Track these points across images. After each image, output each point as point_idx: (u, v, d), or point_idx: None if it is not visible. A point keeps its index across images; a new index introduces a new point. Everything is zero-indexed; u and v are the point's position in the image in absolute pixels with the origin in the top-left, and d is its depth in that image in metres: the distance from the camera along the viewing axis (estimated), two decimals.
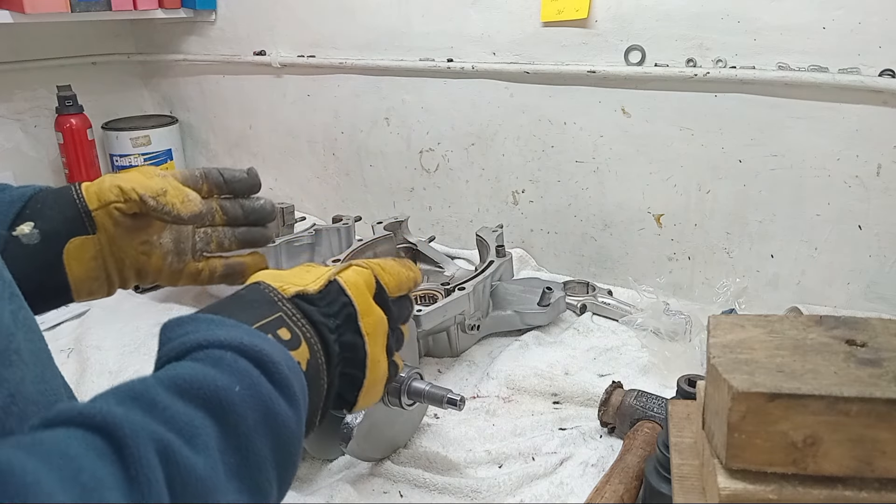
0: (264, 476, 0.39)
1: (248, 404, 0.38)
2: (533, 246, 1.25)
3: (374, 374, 0.51)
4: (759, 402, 0.41)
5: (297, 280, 0.49)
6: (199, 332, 0.41)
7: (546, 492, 0.70)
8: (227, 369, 0.39)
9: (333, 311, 0.49)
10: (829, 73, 0.91)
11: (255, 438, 0.38)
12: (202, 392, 0.37)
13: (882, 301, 0.96)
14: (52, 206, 0.57)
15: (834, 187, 0.95)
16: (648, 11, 1.01)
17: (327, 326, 0.47)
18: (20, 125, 1.50)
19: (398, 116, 1.32)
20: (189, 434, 0.35)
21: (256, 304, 0.46)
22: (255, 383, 0.39)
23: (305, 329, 0.46)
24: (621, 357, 0.94)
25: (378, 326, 0.51)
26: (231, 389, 0.38)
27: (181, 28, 1.54)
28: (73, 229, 0.57)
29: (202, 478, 0.35)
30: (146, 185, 0.59)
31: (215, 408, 0.37)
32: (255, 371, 0.40)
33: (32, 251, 0.55)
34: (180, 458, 0.34)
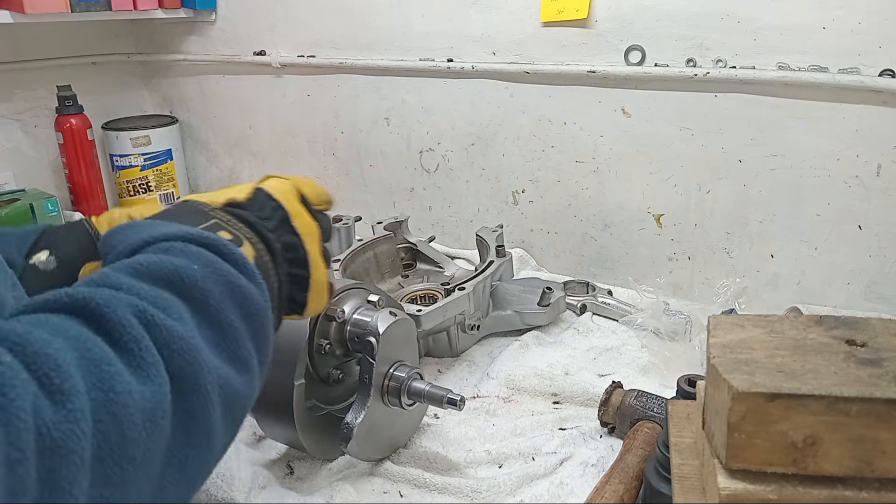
0: (243, 347, 0.39)
1: (210, 280, 0.39)
2: (533, 246, 1.25)
3: (318, 273, 0.51)
4: (759, 402, 0.41)
5: (224, 193, 0.50)
6: (144, 231, 0.41)
7: (546, 492, 0.70)
8: (181, 254, 0.39)
9: (266, 214, 0.50)
10: (829, 73, 0.91)
11: (226, 310, 0.39)
12: (162, 272, 0.37)
13: (882, 301, 0.96)
14: (66, 236, 0.59)
15: (834, 187, 0.95)
16: (648, 11, 1.01)
17: (265, 227, 0.48)
18: (20, 125, 1.50)
19: (398, 116, 1.31)
20: (162, 307, 0.35)
21: (190, 213, 0.46)
22: (212, 261, 0.40)
23: (244, 230, 0.46)
24: (621, 357, 0.94)
25: (310, 228, 0.52)
26: (190, 267, 0.38)
27: (181, 28, 1.54)
28: (88, 256, 0.59)
29: (185, 337, 0.34)
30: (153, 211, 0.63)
31: (179, 285, 0.37)
32: (208, 253, 0.40)
33: (49, 277, 0.56)
34: (160, 321, 0.34)
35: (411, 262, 1.18)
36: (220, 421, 0.37)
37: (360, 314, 0.72)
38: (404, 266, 1.16)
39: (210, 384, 0.35)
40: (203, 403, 0.35)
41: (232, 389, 0.38)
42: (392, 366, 0.71)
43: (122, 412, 0.30)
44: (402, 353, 0.72)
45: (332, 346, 0.71)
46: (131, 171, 1.51)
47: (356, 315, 0.72)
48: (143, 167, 1.52)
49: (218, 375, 0.36)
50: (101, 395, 0.29)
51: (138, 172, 1.52)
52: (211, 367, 0.36)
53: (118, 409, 0.30)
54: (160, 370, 0.33)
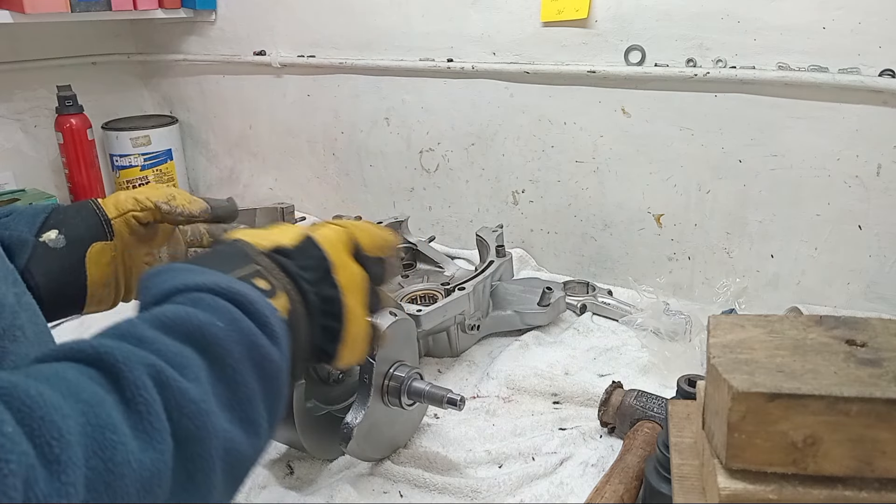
0: (255, 409, 0.40)
1: (231, 338, 0.39)
2: (533, 246, 1.25)
3: (354, 327, 0.51)
4: (759, 402, 0.41)
5: (273, 236, 0.51)
6: (177, 278, 0.42)
7: (546, 492, 0.70)
8: (208, 308, 0.40)
9: (309, 264, 0.50)
10: (829, 73, 0.91)
11: (243, 372, 0.39)
12: (186, 328, 0.38)
13: (882, 301, 0.96)
14: (75, 216, 0.62)
15: (834, 187, 0.95)
16: (648, 11, 1.01)
17: (304, 278, 0.48)
18: (20, 125, 1.50)
19: (398, 116, 1.31)
20: (179, 364, 0.36)
21: (233, 257, 0.47)
22: (236, 319, 0.40)
23: (283, 280, 0.47)
24: (621, 357, 0.94)
25: (355, 281, 0.52)
26: (214, 324, 0.39)
27: (181, 28, 1.54)
28: (96, 235, 0.62)
29: (196, 401, 0.35)
30: (157, 194, 0.66)
31: (200, 342, 0.38)
32: (234, 309, 0.41)
33: (58, 254, 0.59)
34: (173, 383, 0.34)
35: (411, 262, 1.18)
36: (221, 485, 0.37)
37: None
38: (404, 266, 1.16)
39: (215, 449, 0.36)
40: (205, 468, 0.35)
41: (238, 453, 0.38)
42: (392, 366, 0.71)
43: (117, 483, 0.30)
44: (402, 353, 0.72)
45: None
46: (131, 171, 1.52)
47: None
48: (143, 167, 1.52)
49: (225, 439, 0.37)
50: (99, 464, 0.30)
51: (138, 172, 1.52)
52: (219, 431, 0.36)
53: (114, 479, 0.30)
54: (165, 437, 0.33)
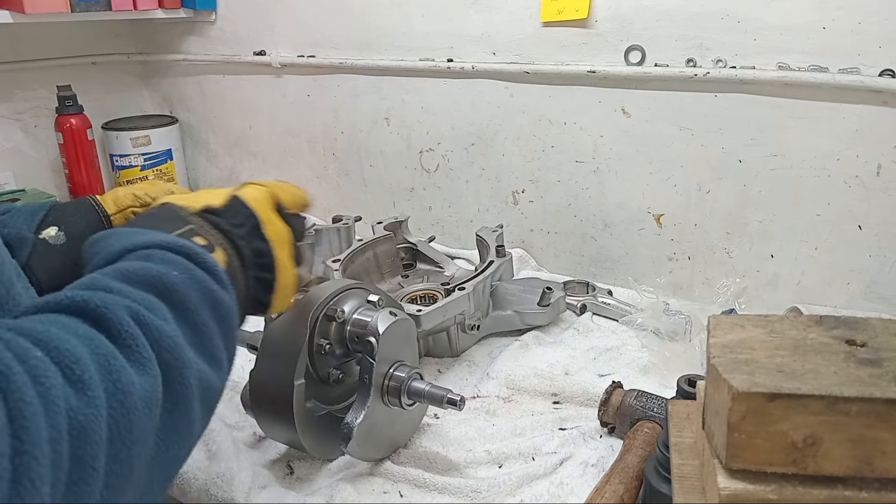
0: (216, 346, 0.44)
1: (187, 285, 0.43)
2: (533, 246, 1.25)
3: (284, 277, 0.56)
4: (759, 402, 0.41)
5: (201, 198, 0.54)
6: (124, 239, 0.46)
7: (546, 492, 0.70)
8: (161, 261, 0.44)
9: (239, 221, 0.54)
10: (829, 73, 0.91)
11: (202, 313, 0.43)
12: (146, 277, 0.42)
13: (882, 301, 0.96)
14: (74, 213, 0.63)
15: (834, 187, 0.95)
16: (648, 11, 1.01)
17: (237, 234, 0.52)
18: (20, 125, 1.50)
19: (398, 116, 1.31)
20: (149, 307, 0.40)
21: (168, 219, 0.51)
22: (189, 268, 0.44)
23: (217, 236, 0.51)
24: (621, 357, 0.94)
25: (281, 235, 0.56)
26: (170, 274, 0.43)
27: (181, 28, 1.54)
28: (94, 232, 0.62)
29: (171, 336, 0.39)
30: (155, 190, 0.67)
31: (161, 289, 0.42)
32: (185, 261, 0.45)
33: (58, 251, 0.60)
34: (150, 321, 0.39)
35: (411, 262, 1.18)
36: (199, 410, 0.41)
37: (360, 314, 0.72)
38: (404, 266, 1.16)
39: (192, 378, 0.40)
40: (187, 395, 0.40)
41: (208, 383, 0.43)
42: (392, 366, 0.71)
43: (128, 400, 0.34)
44: (402, 353, 0.72)
45: (332, 346, 0.71)
46: (131, 171, 1.52)
47: (356, 315, 0.72)
48: (143, 167, 1.52)
49: (198, 370, 0.41)
50: (111, 386, 0.34)
51: (138, 172, 1.52)
52: (192, 362, 0.41)
53: (125, 397, 0.34)
54: (154, 364, 0.37)
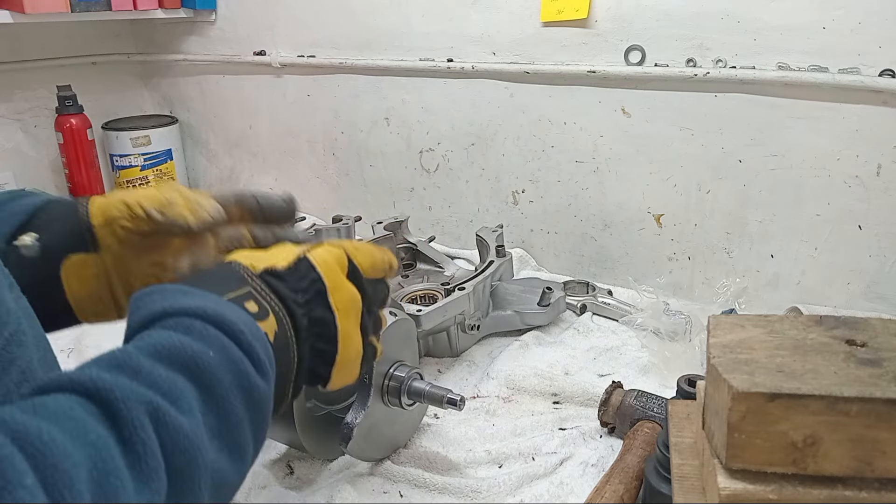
0: (242, 436, 0.41)
1: (222, 367, 0.40)
2: (533, 246, 1.25)
3: (347, 350, 0.51)
4: (759, 402, 0.41)
5: (268, 257, 0.50)
6: (167, 300, 0.42)
7: (546, 492, 0.70)
8: (198, 336, 0.40)
9: (302, 286, 0.49)
10: (829, 73, 0.91)
11: (232, 399, 0.40)
12: (179, 357, 0.39)
13: (882, 301, 0.96)
14: (58, 218, 0.54)
15: (834, 187, 0.95)
16: (648, 11, 1.01)
17: (295, 301, 0.48)
18: (20, 125, 1.50)
19: (398, 116, 1.31)
20: (174, 396, 0.37)
21: (225, 279, 0.47)
22: (226, 347, 0.41)
23: (273, 303, 0.47)
24: (621, 357, 0.94)
25: (350, 303, 0.51)
26: (206, 354, 0.40)
27: (181, 28, 1.54)
28: (74, 245, 0.54)
29: (189, 436, 0.37)
30: (153, 198, 0.55)
31: (193, 371, 0.39)
32: (224, 337, 0.41)
33: (31, 264, 0.52)
34: (169, 420, 0.36)
35: (411, 262, 1.18)
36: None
37: None
38: (404, 266, 1.16)
39: (204, 480, 0.38)
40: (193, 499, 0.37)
41: (224, 480, 0.40)
42: (392, 366, 0.71)
43: None
44: (402, 353, 0.72)
45: None
46: (131, 171, 1.52)
47: None
48: (143, 167, 1.52)
49: (213, 469, 0.38)
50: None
51: (138, 172, 1.52)
52: (208, 462, 0.38)
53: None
54: (160, 475, 0.35)
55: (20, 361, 0.40)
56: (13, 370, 0.39)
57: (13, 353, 0.40)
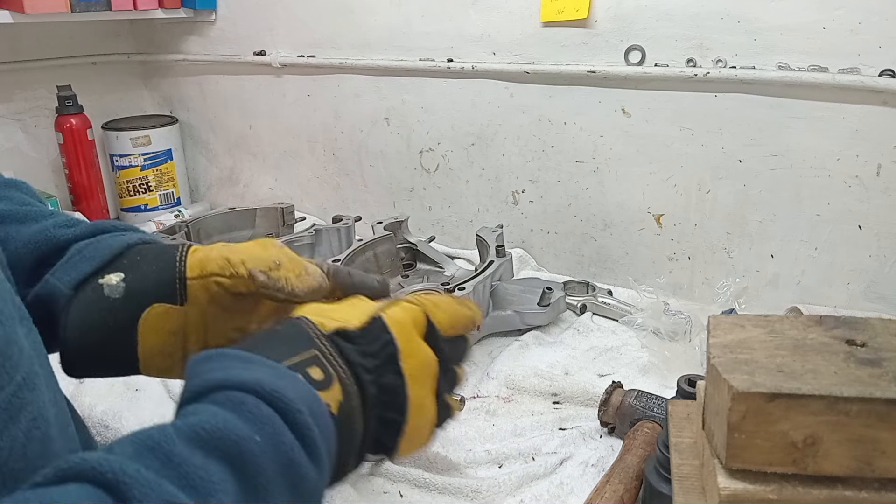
0: None
1: (268, 455, 0.37)
2: (533, 246, 1.25)
3: (418, 418, 0.47)
4: (759, 402, 0.41)
5: (340, 315, 0.46)
6: (224, 370, 0.39)
7: (546, 492, 0.70)
8: (248, 416, 0.37)
9: (373, 350, 0.45)
10: (829, 73, 0.91)
11: (273, 491, 0.37)
12: (222, 443, 0.36)
13: (882, 301, 0.96)
14: (150, 262, 0.51)
15: (834, 187, 0.95)
16: (648, 11, 1.01)
17: (364, 367, 0.44)
18: (20, 125, 1.50)
19: (398, 116, 1.31)
20: (205, 491, 0.34)
21: (292, 340, 0.43)
22: (277, 432, 0.38)
23: (340, 368, 0.43)
24: (621, 357, 0.94)
25: (424, 369, 0.47)
26: (252, 440, 0.36)
27: (181, 28, 1.54)
28: (161, 294, 0.50)
29: None
30: (258, 258, 0.52)
31: (234, 459, 0.36)
32: (276, 419, 0.38)
33: (110, 306, 0.49)
34: None
35: (411, 262, 1.18)
36: None
37: None
38: (404, 266, 1.16)
39: None
40: None
41: None
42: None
43: None
44: None
45: None
46: (131, 171, 1.51)
47: None
48: (143, 167, 1.52)
49: None
50: None
51: (138, 172, 1.52)
52: None
53: None
54: None
55: (31, 407, 0.37)
56: (22, 417, 0.37)
57: (24, 398, 0.37)
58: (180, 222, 1.20)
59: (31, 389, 0.37)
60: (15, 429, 0.36)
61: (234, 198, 1.61)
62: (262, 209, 1.28)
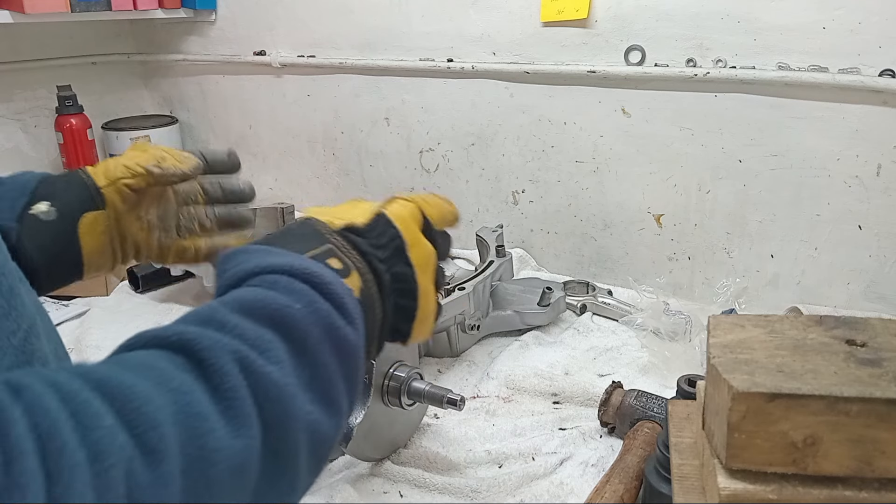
0: (335, 389, 0.40)
1: (309, 320, 0.39)
2: (533, 246, 1.25)
3: (426, 305, 0.51)
4: (759, 402, 0.41)
5: (345, 214, 0.50)
6: (252, 260, 0.43)
7: (546, 492, 0.70)
8: (286, 290, 0.40)
9: (382, 242, 0.49)
10: (829, 73, 0.91)
11: (322, 352, 0.39)
12: (266, 311, 0.38)
13: (882, 301, 0.96)
14: (65, 187, 0.60)
15: (834, 187, 0.95)
16: (648, 11, 1.01)
17: (377, 257, 0.48)
18: (20, 125, 1.50)
19: (398, 116, 1.31)
20: (262, 348, 0.37)
21: (306, 236, 0.47)
22: (313, 301, 0.41)
23: (355, 259, 0.47)
24: (621, 357, 0.94)
25: (427, 258, 0.51)
26: (293, 307, 0.39)
27: (181, 28, 1.54)
28: (86, 206, 0.60)
29: (280, 385, 0.36)
30: (145, 157, 0.63)
31: (280, 325, 0.38)
32: (311, 291, 0.41)
33: (50, 227, 0.58)
34: (258, 367, 0.35)
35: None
36: (305, 466, 0.38)
37: None
38: None
39: (301, 431, 0.37)
40: (292, 450, 0.36)
41: (320, 434, 0.39)
42: (392, 366, 0.71)
43: (211, 470, 0.31)
44: (401, 353, 0.72)
45: None
46: None
47: None
48: None
49: (308, 421, 0.38)
50: (193, 452, 0.31)
51: None
52: (302, 413, 0.37)
53: (208, 466, 0.31)
54: (253, 422, 0.34)
55: (39, 353, 0.41)
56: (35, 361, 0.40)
57: (33, 344, 0.41)
58: None
59: (37, 337, 0.41)
60: None
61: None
62: (262, 209, 1.28)
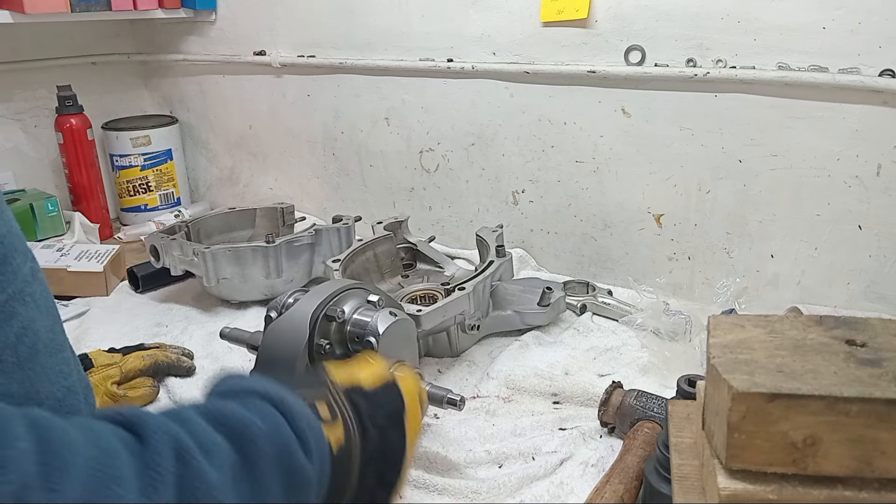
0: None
1: (268, 439, 0.40)
2: (533, 246, 1.25)
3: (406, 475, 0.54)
4: (759, 402, 0.41)
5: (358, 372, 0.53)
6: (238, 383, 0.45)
7: (546, 492, 0.70)
8: (254, 409, 0.42)
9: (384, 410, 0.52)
10: (829, 73, 0.91)
11: (271, 476, 0.39)
12: (228, 421, 0.40)
13: (882, 301, 0.96)
14: None
15: (834, 187, 0.95)
16: (648, 11, 1.01)
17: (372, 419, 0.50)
18: (20, 125, 1.50)
19: (398, 116, 1.31)
20: (207, 449, 0.37)
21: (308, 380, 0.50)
22: (278, 423, 0.42)
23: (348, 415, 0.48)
24: (621, 357, 0.94)
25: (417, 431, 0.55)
26: (255, 424, 0.40)
27: (181, 28, 1.54)
28: None
29: (211, 485, 0.36)
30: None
31: (238, 437, 0.39)
32: (279, 418, 0.42)
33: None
34: (195, 463, 0.35)
35: (411, 262, 1.18)
36: None
37: (359, 314, 0.72)
38: (404, 266, 1.16)
39: None
40: None
41: None
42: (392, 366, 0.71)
43: None
44: (402, 353, 0.72)
45: (332, 346, 0.71)
46: (131, 171, 1.52)
47: (356, 315, 0.72)
48: (143, 167, 1.52)
49: None
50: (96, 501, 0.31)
51: (138, 172, 1.52)
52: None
53: None
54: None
55: (21, 318, 0.43)
56: (14, 323, 0.42)
57: (14, 308, 0.42)
58: (180, 222, 1.19)
59: (23, 304, 0.43)
60: (8, 329, 0.42)
61: (234, 198, 1.61)
62: (262, 209, 1.28)
